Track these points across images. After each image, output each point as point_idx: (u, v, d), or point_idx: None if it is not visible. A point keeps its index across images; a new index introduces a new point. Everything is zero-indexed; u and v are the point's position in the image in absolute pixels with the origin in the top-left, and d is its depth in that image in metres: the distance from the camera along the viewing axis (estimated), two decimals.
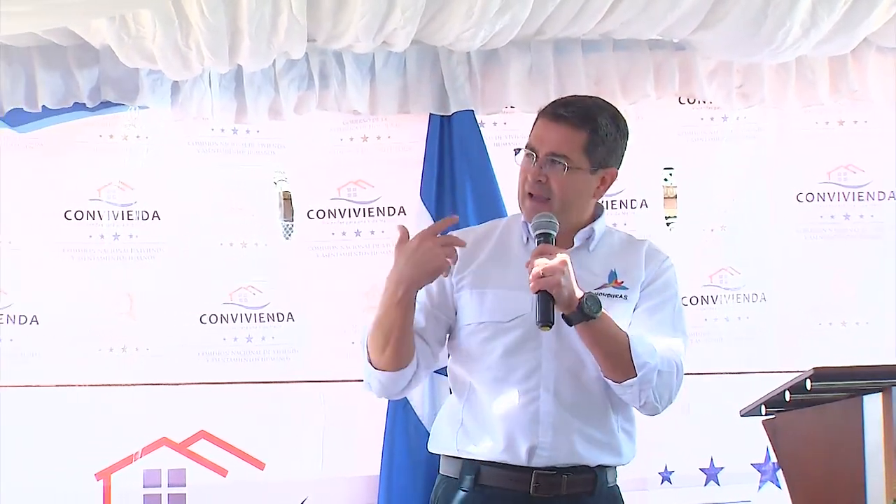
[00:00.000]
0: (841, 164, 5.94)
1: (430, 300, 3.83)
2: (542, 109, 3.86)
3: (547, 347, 3.74)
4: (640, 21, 5.38)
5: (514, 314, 3.75)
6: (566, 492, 3.73)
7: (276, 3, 4.99)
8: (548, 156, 3.76)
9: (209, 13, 4.95)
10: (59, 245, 5.50)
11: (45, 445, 5.37)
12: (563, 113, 3.79)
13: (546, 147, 3.77)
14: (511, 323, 3.75)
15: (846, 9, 5.26)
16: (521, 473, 3.71)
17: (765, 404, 4.09)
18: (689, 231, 5.89)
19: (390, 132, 5.71)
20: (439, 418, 3.94)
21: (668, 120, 5.85)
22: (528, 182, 3.79)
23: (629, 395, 3.72)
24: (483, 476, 3.75)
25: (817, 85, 5.73)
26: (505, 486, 3.73)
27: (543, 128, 3.80)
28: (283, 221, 5.85)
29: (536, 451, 3.70)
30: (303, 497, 5.55)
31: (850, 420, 3.82)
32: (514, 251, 3.85)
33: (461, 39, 5.35)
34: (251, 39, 5.08)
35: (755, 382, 4.84)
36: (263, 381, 5.60)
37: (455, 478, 3.80)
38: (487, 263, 3.83)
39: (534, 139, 3.81)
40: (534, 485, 3.71)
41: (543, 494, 3.72)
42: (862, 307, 5.91)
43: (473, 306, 3.80)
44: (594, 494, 3.77)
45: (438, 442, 3.89)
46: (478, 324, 3.78)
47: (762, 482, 5.83)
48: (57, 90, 5.34)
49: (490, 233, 3.93)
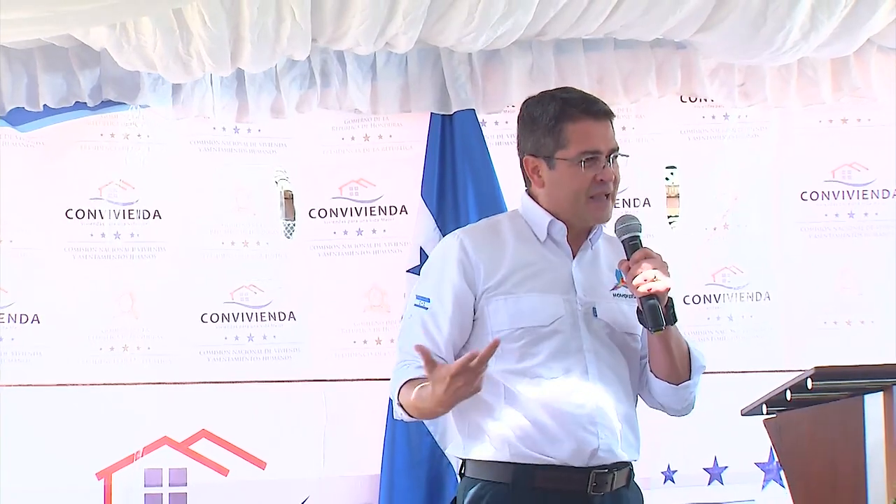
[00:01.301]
0: (845, 163, 5.94)
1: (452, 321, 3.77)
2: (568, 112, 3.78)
3: (588, 349, 3.75)
4: (640, 24, 5.38)
5: (552, 317, 3.74)
6: (613, 488, 3.75)
7: (279, 11, 4.99)
8: (612, 153, 3.77)
9: (211, 22, 4.95)
10: (60, 244, 5.50)
11: (46, 445, 5.37)
12: (604, 108, 3.81)
13: (608, 145, 3.77)
14: (551, 326, 3.74)
15: (846, 12, 5.26)
16: (581, 474, 3.71)
17: (766, 403, 4.08)
18: (692, 230, 5.88)
19: (392, 131, 5.72)
20: (469, 423, 3.82)
21: (670, 118, 5.85)
22: (601, 183, 3.75)
23: (679, 396, 3.81)
24: (539, 478, 3.72)
25: (819, 84, 5.73)
26: (564, 487, 3.72)
27: (596, 128, 3.78)
28: (284, 220, 5.84)
29: (597, 454, 3.71)
30: (304, 496, 5.55)
31: (852, 419, 3.81)
32: (535, 253, 3.82)
33: (462, 42, 5.35)
34: (254, 46, 5.09)
35: (759, 381, 4.81)
36: (265, 380, 5.60)
37: (506, 483, 3.74)
38: (515, 268, 3.79)
39: (594, 142, 3.76)
40: (592, 483, 3.72)
41: (598, 492, 3.73)
42: (866, 306, 5.90)
43: (507, 313, 3.76)
44: (629, 487, 3.82)
45: (476, 446, 3.80)
46: (515, 329, 3.74)
47: (766, 481, 5.83)
48: (58, 90, 5.34)
49: (499, 234, 3.87)
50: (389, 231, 5.67)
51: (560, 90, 3.97)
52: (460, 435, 3.85)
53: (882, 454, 3.72)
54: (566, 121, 3.78)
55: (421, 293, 3.83)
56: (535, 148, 3.82)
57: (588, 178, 3.76)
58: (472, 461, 3.81)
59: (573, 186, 3.77)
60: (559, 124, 3.78)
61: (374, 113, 5.61)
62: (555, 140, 3.78)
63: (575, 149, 3.76)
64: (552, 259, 3.81)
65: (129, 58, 5.12)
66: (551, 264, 3.81)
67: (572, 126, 3.77)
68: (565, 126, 3.78)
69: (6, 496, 5.27)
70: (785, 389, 3.87)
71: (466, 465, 3.84)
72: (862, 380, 3.78)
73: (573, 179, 3.77)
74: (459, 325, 3.78)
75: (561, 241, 3.83)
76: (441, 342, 3.76)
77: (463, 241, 3.81)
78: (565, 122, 3.78)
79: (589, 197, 3.77)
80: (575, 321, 3.76)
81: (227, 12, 4.95)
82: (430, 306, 3.79)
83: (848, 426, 3.83)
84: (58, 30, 5.00)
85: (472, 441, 3.81)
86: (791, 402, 3.92)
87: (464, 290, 3.77)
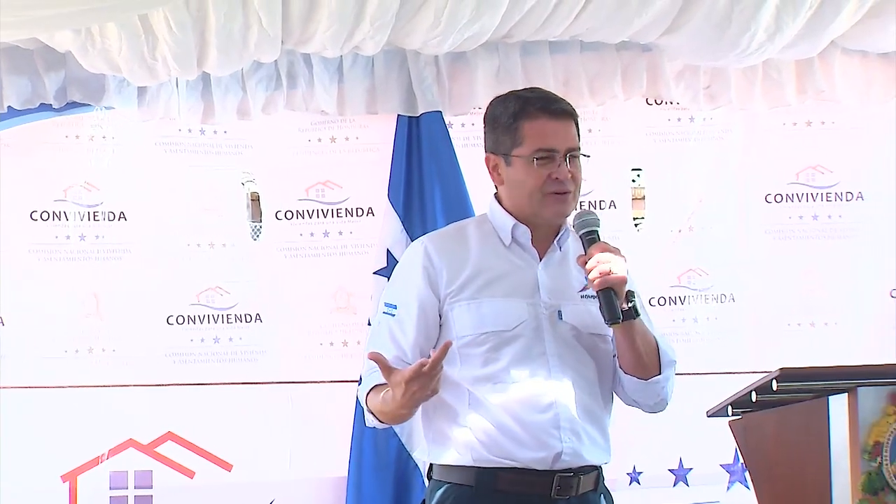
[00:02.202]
0: (809, 165, 5.96)
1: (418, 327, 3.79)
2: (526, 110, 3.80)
3: (551, 353, 3.75)
4: (607, 27, 5.39)
5: (515, 322, 3.75)
6: (578, 492, 3.75)
7: (246, 17, 4.97)
8: (569, 152, 3.77)
9: (177, 28, 4.93)
10: (24, 246, 5.46)
11: (10, 447, 5.32)
12: (564, 107, 3.81)
13: (566, 143, 3.77)
14: (514, 331, 3.75)
15: (811, 14, 5.29)
16: (545, 478, 3.71)
17: (731, 405, 4.09)
18: (657, 232, 5.90)
19: (358, 133, 5.71)
20: (434, 429, 3.84)
21: (636, 121, 5.86)
22: (551, 182, 3.75)
23: (649, 392, 3.79)
24: (502, 482, 3.73)
25: (784, 86, 5.75)
26: (527, 490, 3.72)
27: (552, 126, 3.78)
28: (250, 222, 5.82)
29: (561, 457, 3.71)
30: (270, 498, 5.54)
31: (816, 420, 3.83)
32: (499, 257, 3.83)
33: (429, 45, 5.36)
34: (220, 51, 5.07)
35: (724, 383, 4.83)
36: (231, 382, 5.58)
37: (469, 485, 3.76)
38: (478, 273, 3.80)
39: (549, 140, 3.76)
40: (556, 487, 3.72)
41: (563, 495, 3.73)
42: (830, 308, 5.93)
43: (471, 318, 3.77)
44: (597, 491, 3.81)
45: (438, 451, 3.83)
46: (479, 335, 3.75)
47: (731, 483, 5.85)
48: (23, 91, 5.31)
49: (464, 239, 3.88)
50: (356, 233, 5.67)
51: (526, 90, 3.99)
52: (426, 439, 3.88)
53: (846, 455, 3.75)
54: (524, 119, 3.79)
55: (388, 300, 3.87)
56: (495, 146, 3.84)
57: (542, 175, 3.76)
58: (437, 464, 3.83)
59: (528, 184, 3.78)
60: (517, 122, 3.80)
61: (341, 115, 5.60)
62: (512, 138, 3.80)
63: (529, 146, 3.77)
64: (517, 263, 3.82)
65: (94, 61, 5.09)
66: (516, 268, 3.81)
67: (529, 124, 3.78)
68: (522, 124, 3.79)
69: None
70: (750, 391, 3.89)
71: (433, 467, 3.86)
72: (827, 381, 3.80)
73: (528, 177, 3.78)
74: (425, 331, 3.80)
75: (526, 245, 3.83)
76: (407, 348, 3.78)
77: (427, 247, 3.83)
78: (523, 120, 3.79)
79: (545, 194, 3.77)
80: (539, 325, 3.76)
81: (194, 18, 4.93)
82: (397, 313, 3.82)
83: (813, 427, 3.85)
84: (22, 34, 4.97)
85: (436, 446, 3.83)
86: (756, 403, 3.95)
87: (428, 295, 3.79)
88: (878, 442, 3.73)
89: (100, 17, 4.79)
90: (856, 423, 3.74)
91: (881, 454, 3.73)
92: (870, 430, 3.73)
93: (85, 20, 4.79)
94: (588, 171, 3.89)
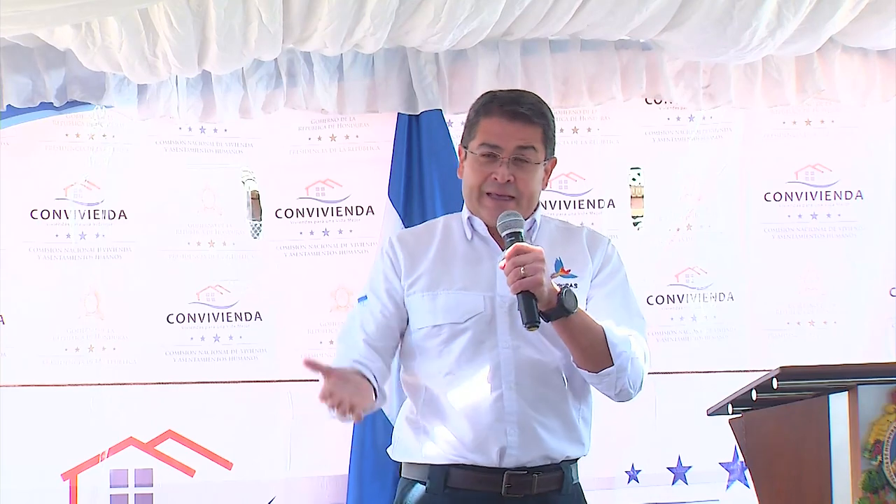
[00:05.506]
0: (808, 164, 5.96)
1: (384, 312, 3.83)
2: (487, 107, 3.83)
3: (504, 345, 3.74)
4: (606, 23, 5.39)
5: (468, 314, 3.75)
6: (536, 491, 3.73)
7: (246, 13, 4.97)
8: (514, 153, 3.76)
9: (177, 24, 4.93)
10: (25, 244, 5.46)
11: (10, 445, 5.34)
12: (521, 110, 3.79)
13: (512, 144, 3.76)
14: (467, 323, 3.75)
15: (811, 9, 5.29)
16: (493, 475, 3.70)
17: (732, 403, 4.09)
18: (657, 231, 5.89)
19: (358, 131, 5.71)
20: (398, 427, 3.91)
21: (635, 120, 5.85)
22: (490, 182, 3.77)
23: (605, 383, 3.72)
24: (452, 478, 3.74)
25: (784, 85, 5.75)
26: (476, 487, 3.72)
27: (502, 126, 3.78)
28: (250, 221, 5.82)
29: (507, 452, 3.70)
30: (270, 497, 5.55)
31: (817, 419, 3.83)
32: (459, 250, 3.85)
33: (429, 42, 5.36)
34: (220, 48, 5.07)
35: (723, 381, 4.85)
36: (231, 380, 5.58)
37: (422, 481, 3.78)
38: (435, 265, 3.83)
39: (494, 138, 3.78)
40: (505, 485, 3.70)
41: (515, 494, 3.71)
42: (829, 306, 5.93)
43: (425, 309, 3.79)
44: (561, 492, 3.77)
45: (400, 449, 3.88)
46: (432, 327, 3.78)
47: (730, 481, 5.85)
48: (23, 90, 5.32)
49: (431, 233, 3.93)
50: (356, 231, 5.67)
51: (506, 90, 4.01)
52: (393, 437, 3.93)
53: (847, 454, 3.75)
54: (483, 115, 3.83)
55: (362, 293, 3.92)
56: (462, 138, 3.90)
57: (484, 173, 3.79)
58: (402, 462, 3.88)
59: (470, 180, 3.83)
60: (477, 117, 3.85)
61: (341, 113, 5.61)
62: (470, 132, 3.86)
63: (477, 141, 3.81)
64: (476, 255, 3.83)
65: (95, 59, 5.10)
66: (475, 261, 3.82)
67: (485, 120, 3.82)
68: (480, 120, 3.83)
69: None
70: (751, 389, 3.89)
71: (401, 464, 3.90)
72: (827, 380, 3.80)
73: (471, 172, 3.83)
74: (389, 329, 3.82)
75: (485, 237, 3.84)
76: (373, 332, 3.80)
77: (392, 240, 3.91)
78: (481, 116, 3.83)
79: (482, 193, 3.79)
80: (493, 318, 3.75)
81: (194, 14, 4.94)
82: (367, 302, 3.87)
83: (813, 426, 3.85)
84: (21, 29, 4.96)
85: (398, 443, 3.89)
86: (756, 401, 3.94)
87: (393, 284, 3.84)
88: (878, 440, 3.74)
89: (100, 11, 4.79)
90: (856, 422, 3.74)
91: (881, 452, 3.73)
92: (870, 429, 3.74)
93: (85, 14, 4.79)
94: (587, 170, 3.90)
